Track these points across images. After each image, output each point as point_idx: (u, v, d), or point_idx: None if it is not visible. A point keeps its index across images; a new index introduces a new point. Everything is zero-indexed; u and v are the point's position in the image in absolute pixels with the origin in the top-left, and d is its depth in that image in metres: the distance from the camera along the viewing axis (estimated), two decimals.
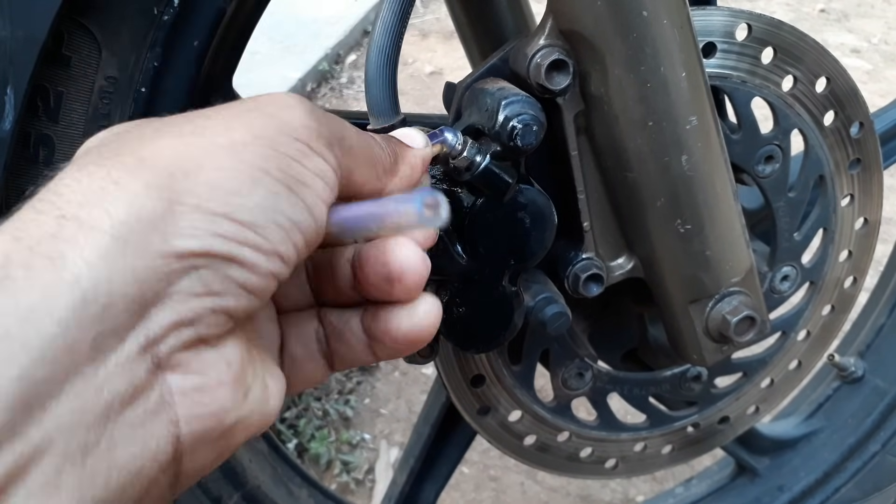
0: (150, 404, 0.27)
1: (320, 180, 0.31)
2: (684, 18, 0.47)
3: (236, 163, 0.29)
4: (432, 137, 0.43)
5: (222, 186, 0.28)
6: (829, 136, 0.62)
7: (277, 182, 0.30)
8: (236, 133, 0.30)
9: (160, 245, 0.26)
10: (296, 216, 0.30)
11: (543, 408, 0.65)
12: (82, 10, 0.47)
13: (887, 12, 3.11)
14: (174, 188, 0.27)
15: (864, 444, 0.92)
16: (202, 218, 0.27)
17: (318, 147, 0.32)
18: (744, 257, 0.55)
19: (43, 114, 0.50)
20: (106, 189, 0.27)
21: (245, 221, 0.28)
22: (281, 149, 0.30)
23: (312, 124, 0.32)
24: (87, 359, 0.25)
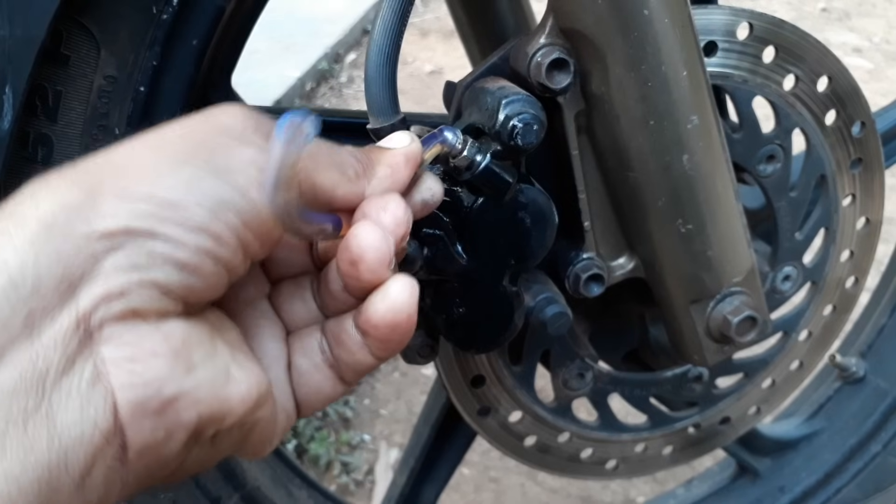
0: (85, 374, 0.29)
1: (252, 167, 0.32)
2: (685, 17, 0.47)
3: (160, 156, 0.31)
4: (432, 137, 0.43)
5: (143, 175, 0.30)
6: (831, 136, 0.62)
7: (200, 168, 0.31)
8: (167, 134, 0.33)
9: (83, 227, 0.29)
10: (223, 195, 0.31)
11: (544, 408, 0.65)
12: (81, 9, 0.47)
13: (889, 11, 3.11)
14: (99, 181, 0.30)
15: (865, 444, 0.92)
16: (122, 202, 0.30)
17: (252, 139, 0.33)
18: (745, 257, 0.55)
19: (41, 113, 0.50)
20: (38, 189, 0.30)
21: (163, 199, 0.30)
22: (208, 143, 0.32)
23: (249, 122, 0.34)
24: (21, 335, 0.27)
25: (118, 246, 0.29)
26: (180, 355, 0.31)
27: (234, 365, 0.34)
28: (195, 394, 0.31)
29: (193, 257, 0.31)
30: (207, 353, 0.32)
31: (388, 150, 0.40)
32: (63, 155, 0.51)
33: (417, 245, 0.44)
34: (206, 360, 0.32)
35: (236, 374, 0.34)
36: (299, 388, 0.39)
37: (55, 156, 0.51)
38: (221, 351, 0.34)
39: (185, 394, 0.31)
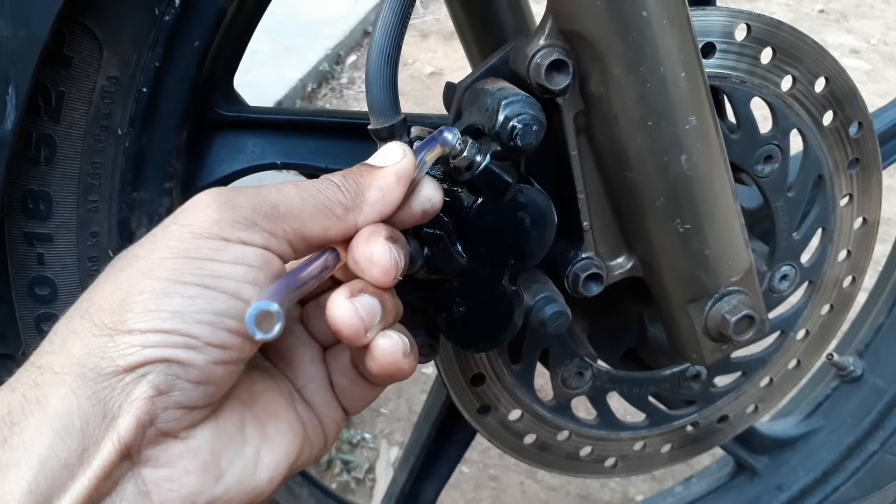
0: (130, 494, 0.34)
1: (241, 266, 0.36)
2: (684, 18, 0.47)
3: (153, 283, 0.35)
4: (432, 139, 0.43)
5: (144, 307, 0.34)
6: (828, 136, 0.62)
7: (190, 286, 0.35)
8: (156, 254, 0.36)
9: (110, 367, 0.34)
10: (219, 307, 0.35)
11: (543, 407, 0.65)
12: (83, 11, 0.47)
13: (886, 13, 3.11)
14: (112, 321, 0.34)
15: (862, 443, 0.92)
16: (135, 338, 0.34)
17: (232, 235, 0.36)
18: (743, 257, 0.56)
19: (44, 113, 0.50)
20: (68, 338, 0.35)
21: (168, 329, 0.34)
22: (192, 254, 0.35)
23: (224, 216, 0.36)
24: (79, 467, 0.33)
25: (142, 376, 0.34)
26: (209, 468, 0.36)
27: (264, 447, 0.39)
28: (226, 497, 0.37)
29: (205, 371, 0.35)
30: (236, 450, 0.37)
31: (377, 170, 0.41)
32: (65, 155, 0.52)
33: (418, 245, 0.45)
34: (234, 459, 0.37)
35: (265, 459, 0.38)
36: (343, 399, 0.44)
37: (58, 156, 0.52)
38: (251, 436, 0.38)
39: (217, 499, 0.36)
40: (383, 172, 0.41)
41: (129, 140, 0.52)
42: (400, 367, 0.40)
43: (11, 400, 0.33)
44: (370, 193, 0.40)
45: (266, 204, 0.37)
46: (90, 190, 0.53)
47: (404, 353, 0.39)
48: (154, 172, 0.54)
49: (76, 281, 0.55)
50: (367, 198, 0.40)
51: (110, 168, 0.53)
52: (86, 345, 0.34)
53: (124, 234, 0.55)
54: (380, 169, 0.41)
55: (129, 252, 0.37)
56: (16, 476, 0.32)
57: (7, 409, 0.33)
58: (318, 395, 0.43)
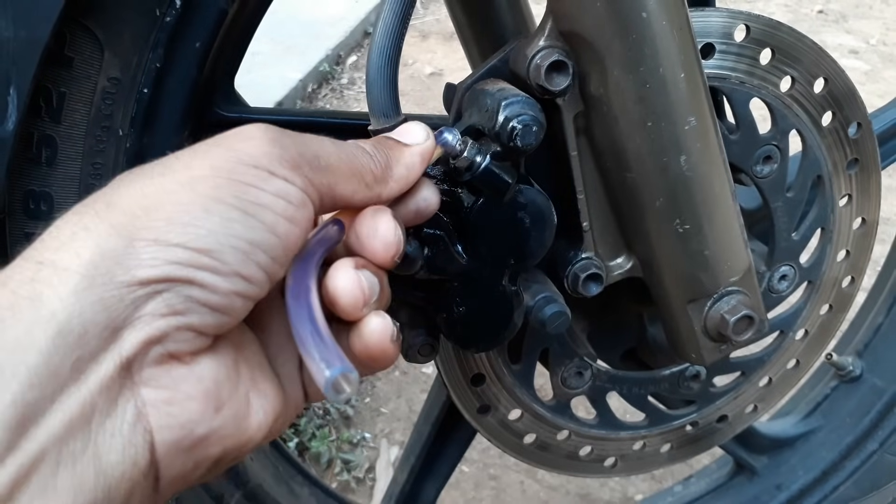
0: (127, 415, 0.31)
1: (282, 200, 0.34)
2: (683, 19, 0.48)
3: (192, 196, 0.32)
4: None
5: (178, 219, 0.32)
6: (827, 137, 0.62)
7: (231, 207, 0.33)
8: (196, 169, 0.33)
9: (123, 276, 0.30)
10: (254, 237, 0.33)
11: (543, 406, 0.66)
12: (84, 12, 0.48)
13: (885, 13, 3.11)
14: (135, 226, 0.31)
15: (862, 442, 0.93)
16: (160, 249, 0.31)
17: (279, 170, 0.34)
18: (742, 257, 0.56)
19: (46, 114, 0.50)
20: (76, 234, 0.31)
21: (199, 248, 0.32)
22: (237, 177, 0.33)
23: (274, 150, 0.35)
24: (70, 380, 0.29)
25: (157, 292, 0.31)
26: (210, 396, 0.33)
27: (253, 392, 0.36)
28: (222, 431, 0.34)
29: (227, 300, 0.33)
30: (233, 386, 0.35)
31: (405, 147, 0.41)
32: (66, 156, 0.52)
33: (418, 245, 0.45)
34: (231, 395, 0.35)
35: (255, 404, 0.36)
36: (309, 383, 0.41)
37: (59, 157, 0.52)
38: (244, 378, 0.36)
39: (214, 432, 0.34)
40: (411, 151, 0.40)
41: (131, 141, 0.52)
42: (386, 350, 0.38)
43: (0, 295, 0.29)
44: (397, 169, 0.40)
45: (310, 152, 0.36)
46: (91, 191, 0.52)
47: (392, 337, 0.38)
48: None
49: None
50: (394, 173, 0.39)
51: (111, 169, 0.53)
52: (99, 246, 0.31)
53: None
54: (407, 146, 0.40)
55: (160, 162, 0.34)
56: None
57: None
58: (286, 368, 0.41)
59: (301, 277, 0.36)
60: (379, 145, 0.40)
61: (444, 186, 0.46)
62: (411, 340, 0.51)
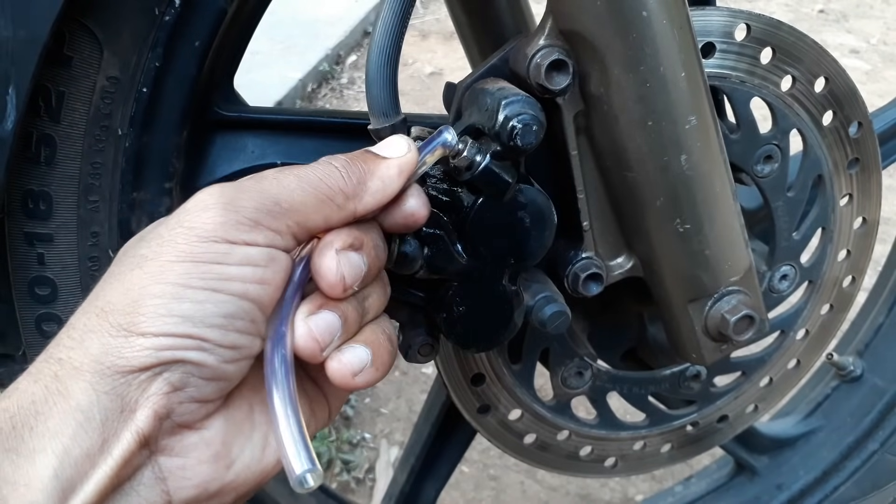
0: (148, 482, 0.36)
1: (247, 267, 0.37)
2: (684, 18, 0.47)
3: (163, 287, 0.36)
4: (431, 141, 0.43)
5: (156, 311, 0.36)
6: (828, 136, 0.62)
7: (199, 290, 0.36)
8: (163, 256, 0.37)
9: (124, 366, 0.35)
10: (227, 310, 0.36)
11: (543, 406, 0.65)
12: (84, 11, 0.47)
13: (886, 13, 3.11)
14: (127, 322, 0.36)
15: (862, 442, 0.93)
16: (148, 340, 0.36)
17: (238, 237, 0.37)
18: (743, 256, 0.56)
19: (45, 114, 0.50)
20: (85, 336, 0.36)
21: (179, 333, 0.36)
22: (199, 257, 0.36)
23: (229, 217, 0.37)
24: (99, 457, 0.35)
25: (157, 374, 0.36)
26: (220, 457, 0.38)
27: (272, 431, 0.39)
28: (235, 482, 0.39)
29: (218, 369, 0.37)
30: (246, 436, 0.39)
31: (381, 159, 0.41)
32: (66, 155, 0.52)
33: (418, 245, 0.45)
34: (244, 445, 0.39)
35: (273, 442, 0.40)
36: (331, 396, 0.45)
37: (58, 156, 0.52)
38: (259, 421, 0.40)
39: (227, 485, 0.39)
40: (387, 163, 0.41)
41: (130, 140, 0.52)
42: (350, 385, 0.40)
43: (35, 390, 0.35)
44: (371, 182, 0.40)
45: (269, 200, 0.38)
46: (90, 190, 0.53)
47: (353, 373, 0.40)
48: (154, 172, 0.54)
49: (76, 281, 0.55)
50: (369, 187, 0.40)
51: (111, 168, 0.53)
52: (103, 344, 0.36)
53: (125, 234, 0.55)
54: (384, 159, 0.41)
55: (137, 251, 0.38)
56: (42, 462, 0.33)
57: (31, 399, 0.35)
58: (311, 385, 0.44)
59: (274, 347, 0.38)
60: (353, 159, 0.41)
61: (443, 186, 0.46)
62: (411, 340, 0.51)
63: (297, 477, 0.36)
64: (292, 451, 0.36)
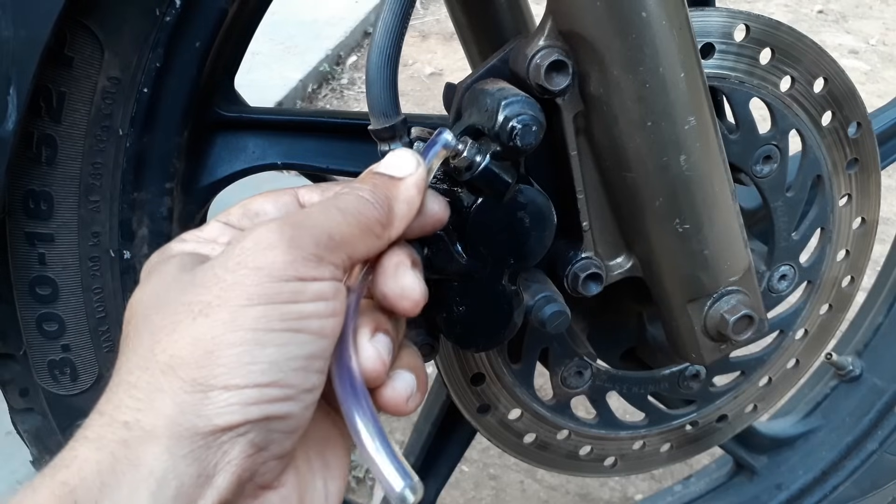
0: None
1: (321, 303, 0.36)
2: (683, 19, 0.48)
3: (242, 334, 0.33)
4: (433, 144, 0.43)
5: (238, 360, 0.33)
6: (827, 137, 0.62)
7: (281, 333, 0.34)
8: (233, 301, 0.34)
9: (205, 427, 0.32)
10: (309, 350, 0.35)
11: (543, 406, 0.66)
12: (84, 11, 0.48)
13: (885, 13, 3.11)
14: (203, 376, 0.33)
15: (861, 442, 0.93)
16: (232, 394, 0.33)
17: (308, 273, 0.35)
18: (742, 256, 0.56)
19: (45, 114, 0.50)
20: (154, 395, 0.33)
21: (266, 382, 0.33)
22: (274, 298, 0.34)
23: (297, 254, 0.35)
24: None
25: (240, 435, 0.33)
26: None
27: (328, 476, 0.39)
28: None
29: (301, 418, 0.35)
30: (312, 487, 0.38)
31: (399, 182, 0.40)
32: (66, 155, 0.52)
33: (418, 245, 0.45)
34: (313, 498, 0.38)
35: (331, 487, 0.39)
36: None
37: (59, 156, 0.52)
38: (317, 470, 0.39)
39: None
40: (405, 184, 0.40)
41: (130, 140, 0.52)
42: (404, 411, 0.40)
43: (100, 458, 0.32)
44: (398, 207, 0.40)
45: (324, 235, 0.37)
46: (91, 190, 0.53)
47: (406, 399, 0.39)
48: (155, 173, 0.55)
49: (77, 281, 0.55)
50: (396, 213, 0.40)
51: (111, 168, 0.53)
52: (177, 403, 0.33)
53: (125, 235, 0.55)
54: (401, 180, 0.40)
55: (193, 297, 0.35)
56: None
57: (96, 469, 0.32)
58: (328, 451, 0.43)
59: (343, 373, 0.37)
60: (376, 189, 0.40)
61: (444, 186, 0.46)
62: (412, 340, 0.51)
63: (397, 495, 0.34)
64: (389, 470, 0.35)
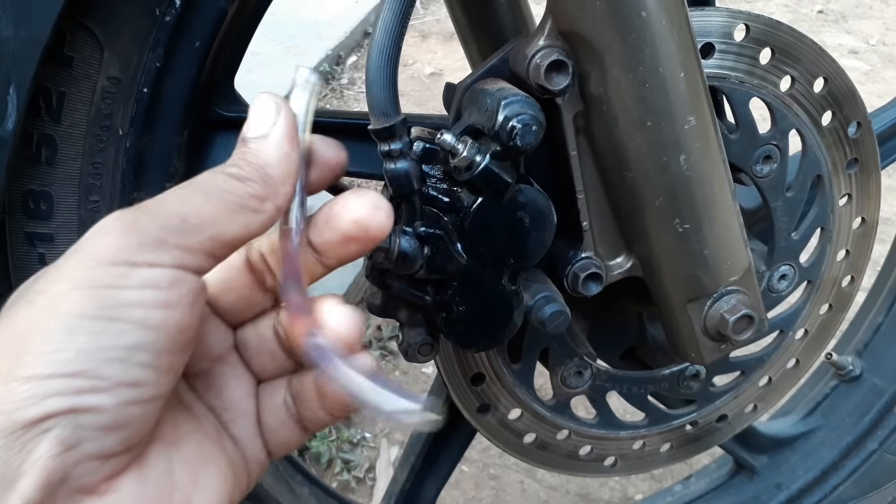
0: None
1: (149, 290, 0.32)
2: (683, 19, 0.48)
3: (56, 320, 0.31)
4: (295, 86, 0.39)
5: (45, 348, 0.30)
6: (827, 136, 0.62)
7: (95, 319, 0.31)
8: (57, 285, 0.31)
9: (4, 423, 0.29)
10: (126, 340, 0.31)
11: (543, 406, 0.66)
12: (84, 11, 0.47)
13: (885, 13, 3.11)
14: (9, 367, 0.30)
15: (861, 442, 0.93)
16: (33, 385, 0.29)
17: (140, 258, 0.32)
18: (742, 256, 0.56)
19: (45, 114, 0.50)
20: None
21: (71, 372, 0.30)
22: (95, 283, 0.31)
23: (132, 238, 0.32)
24: None
25: (45, 430, 0.29)
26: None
27: (195, 491, 0.35)
28: None
29: (118, 414, 0.31)
30: (165, 498, 0.34)
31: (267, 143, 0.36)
32: (66, 155, 0.52)
33: (418, 244, 0.45)
34: None
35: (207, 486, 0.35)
36: (269, 440, 0.41)
37: (59, 156, 0.52)
38: (180, 482, 0.35)
39: None
40: (274, 143, 0.36)
41: (130, 140, 0.52)
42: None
43: None
44: (275, 171, 0.36)
45: (175, 217, 0.33)
46: (91, 190, 0.53)
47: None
48: (155, 173, 0.55)
49: None
50: (275, 178, 0.36)
51: (111, 168, 0.53)
52: None
53: None
54: (266, 139, 0.36)
55: (29, 286, 0.33)
56: None
57: None
58: (246, 431, 0.40)
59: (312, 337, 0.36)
60: (243, 162, 0.36)
61: (443, 186, 0.46)
62: (411, 340, 0.51)
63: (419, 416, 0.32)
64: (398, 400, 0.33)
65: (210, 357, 0.40)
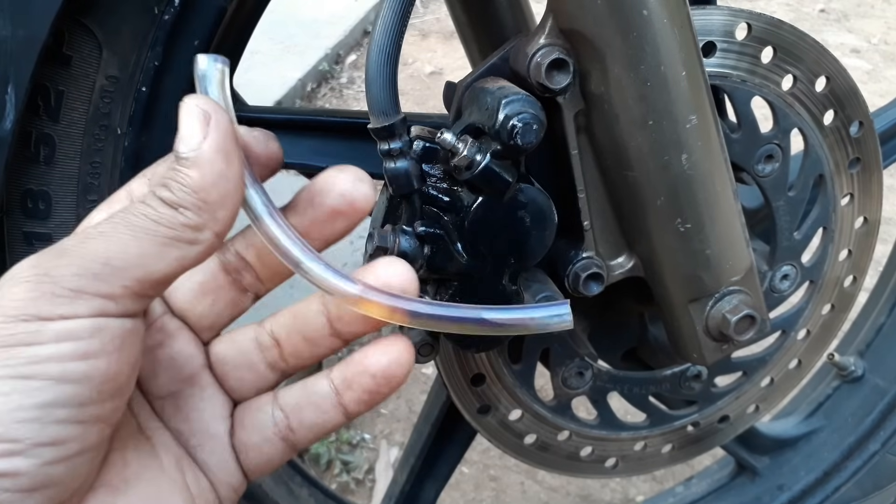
0: None
1: (66, 343, 0.30)
2: (684, 17, 0.47)
3: None
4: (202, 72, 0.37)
5: None
6: (829, 136, 0.62)
7: (5, 379, 0.29)
8: None
9: None
10: (42, 398, 0.29)
11: (543, 407, 0.65)
12: (83, 10, 0.47)
13: (887, 12, 3.11)
14: None
15: (863, 443, 0.92)
16: None
17: (55, 311, 0.30)
18: (744, 256, 0.56)
19: (44, 113, 0.50)
20: None
21: None
22: (8, 341, 0.30)
23: (45, 291, 0.30)
24: None
25: None
26: None
27: None
28: None
29: (38, 475, 0.29)
30: None
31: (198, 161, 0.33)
32: (65, 154, 0.52)
33: (418, 244, 0.44)
34: None
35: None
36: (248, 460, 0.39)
37: (57, 155, 0.52)
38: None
39: None
40: (206, 162, 0.32)
41: (129, 139, 0.52)
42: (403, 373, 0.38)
43: None
44: (210, 195, 0.32)
45: (95, 263, 0.31)
46: (90, 189, 0.53)
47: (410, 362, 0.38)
48: None
49: None
50: (211, 202, 0.32)
51: (110, 167, 0.53)
52: None
53: None
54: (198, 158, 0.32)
55: None
56: None
57: None
58: (215, 456, 0.38)
59: None
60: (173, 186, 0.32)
61: (444, 186, 0.46)
62: (411, 340, 0.51)
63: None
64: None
65: (178, 379, 0.38)
